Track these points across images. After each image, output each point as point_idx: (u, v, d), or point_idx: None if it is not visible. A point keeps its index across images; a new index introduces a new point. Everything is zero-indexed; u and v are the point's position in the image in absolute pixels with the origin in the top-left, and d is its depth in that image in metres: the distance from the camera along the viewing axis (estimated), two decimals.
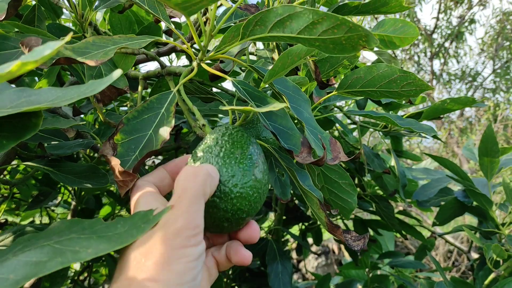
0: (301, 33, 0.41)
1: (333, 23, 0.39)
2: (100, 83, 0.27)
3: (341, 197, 0.70)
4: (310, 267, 3.63)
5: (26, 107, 0.26)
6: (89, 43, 0.46)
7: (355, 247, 0.44)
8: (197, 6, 0.40)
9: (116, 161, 0.42)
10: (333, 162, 0.50)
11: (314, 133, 0.52)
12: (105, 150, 0.44)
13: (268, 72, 0.50)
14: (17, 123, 0.31)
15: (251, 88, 0.53)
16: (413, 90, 0.59)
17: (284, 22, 0.42)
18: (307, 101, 0.56)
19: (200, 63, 0.53)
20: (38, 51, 0.22)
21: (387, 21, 1.02)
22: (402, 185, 1.06)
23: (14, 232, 0.86)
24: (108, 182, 0.63)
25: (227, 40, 0.48)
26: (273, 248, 1.13)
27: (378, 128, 1.09)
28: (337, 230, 0.45)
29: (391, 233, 1.91)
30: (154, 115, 0.47)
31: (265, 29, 0.43)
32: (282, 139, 0.50)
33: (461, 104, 0.95)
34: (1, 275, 0.30)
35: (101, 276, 1.87)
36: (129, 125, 0.46)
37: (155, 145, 0.45)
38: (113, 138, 0.45)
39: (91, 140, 0.69)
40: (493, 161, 1.08)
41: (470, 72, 7.11)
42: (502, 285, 0.91)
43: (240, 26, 0.45)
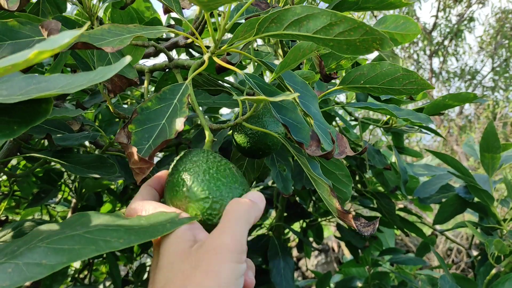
0: (317, 33, 0.42)
1: (350, 26, 0.40)
2: (110, 70, 0.27)
3: (337, 187, 0.71)
4: (310, 265, 3.64)
5: (36, 94, 0.26)
6: (105, 30, 0.47)
7: (365, 232, 0.44)
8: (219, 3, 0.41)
9: (134, 148, 0.43)
10: (340, 156, 0.51)
11: (322, 128, 0.53)
12: (120, 138, 0.45)
13: (280, 64, 0.51)
14: (27, 109, 0.32)
15: (263, 82, 0.54)
16: (414, 89, 0.60)
17: (301, 21, 0.43)
18: (315, 96, 0.57)
19: (211, 56, 0.53)
20: (55, 40, 0.22)
21: (388, 18, 1.02)
22: (403, 181, 1.07)
23: (13, 228, 0.86)
24: (117, 171, 0.63)
25: (240, 34, 0.49)
26: (275, 244, 1.13)
27: (379, 124, 1.09)
28: (347, 216, 0.45)
29: (392, 230, 1.91)
30: (166, 105, 0.48)
31: (280, 26, 0.44)
32: (293, 132, 0.51)
33: (461, 100, 0.95)
34: (33, 261, 0.31)
35: (101, 274, 1.87)
36: (142, 114, 0.47)
37: (169, 135, 0.45)
38: (128, 127, 0.45)
39: (97, 133, 0.69)
40: (494, 157, 1.08)
41: (469, 70, 7.12)
42: (503, 280, 0.91)
43: (255, 22, 0.45)
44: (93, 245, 0.34)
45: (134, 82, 0.52)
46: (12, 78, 0.30)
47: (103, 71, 0.28)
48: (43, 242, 0.33)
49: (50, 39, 0.22)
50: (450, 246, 3.47)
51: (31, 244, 0.33)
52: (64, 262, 0.31)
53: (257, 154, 0.63)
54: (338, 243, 3.74)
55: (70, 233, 0.34)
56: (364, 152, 0.53)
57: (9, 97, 0.27)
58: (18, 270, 0.31)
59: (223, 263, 0.36)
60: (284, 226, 1.36)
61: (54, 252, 0.32)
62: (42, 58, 0.22)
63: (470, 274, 2.82)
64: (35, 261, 0.31)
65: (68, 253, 0.32)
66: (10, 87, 0.28)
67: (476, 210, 1.25)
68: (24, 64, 0.22)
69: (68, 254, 0.32)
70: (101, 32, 0.46)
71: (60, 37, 0.22)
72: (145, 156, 0.43)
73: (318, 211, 1.55)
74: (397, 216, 1.25)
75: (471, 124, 6.57)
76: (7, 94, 0.27)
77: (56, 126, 0.68)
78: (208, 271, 0.35)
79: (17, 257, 0.32)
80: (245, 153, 0.64)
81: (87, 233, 0.35)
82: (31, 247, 0.33)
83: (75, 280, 1.65)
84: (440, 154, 1.15)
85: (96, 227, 0.36)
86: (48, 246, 0.33)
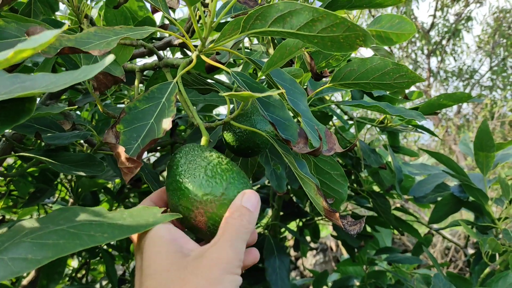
0: (301, 29, 0.43)
1: (332, 22, 0.40)
2: (93, 68, 0.28)
3: (332, 187, 0.71)
4: (308, 265, 3.64)
5: (21, 93, 0.26)
6: (91, 34, 0.47)
7: (351, 231, 0.45)
8: None
9: (121, 148, 0.43)
10: (329, 153, 0.51)
11: (310, 125, 0.53)
12: (108, 138, 0.45)
13: (267, 63, 0.51)
14: (11, 107, 0.32)
15: (250, 79, 0.54)
16: (405, 82, 0.60)
17: (285, 18, 0.43)
18: (303, 93, 0.57)
19: (199, 54, 0.53)
20: (35, 39, 0.22)
21: (384, 17, 1.02)
22: (398, 180, 1.07)
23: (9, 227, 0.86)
24: (104, 169, 0.63)
25: (227, 32, 0.49)
26: (271, 243, 1.13)
27: (375, 124, 1.09)
28: (334, 214, 0.46)
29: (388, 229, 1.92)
30: (155, 104, 0.48)
31: (265, 23, 0.44)
32: (280, 130, 0.51)
33: (456, 100, 0.95)
34: (18, 256, 0.31)
35: (99, 273, 1.87)
36: (130, 114, 0.47)
37: (157, 134, 0.46)
38: (116, 127, 0.45)
39: (88, 132, 0.69)
40: (488, 155, 1.08)
41: (467, 70, 7.13)
42: (497, 278, 0.92)
43: (240, 20, 0.46)
44: (78, 239, 0.34)
45: (120, 79, 0.52)
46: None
47: (86, 70, 0.28)
48: (27, 237, 0.33)
49: (32, 38, 0.22)
50: (447, 245, 3.48)
51: (15, 239, 0.33)
52: (49, 257, 0.32)
53: (246, 153, 0.63)
54: (336, 242, 3.74)
55: (53, 228, 0.34)
56: (352, 149, 0.53)
57: None
58: (3, 265, 0.31)
59: (225, 274, 0.38)
60: (280, 225, 1.36)
61: (39, 247, 0.32)
62: (22, 57, 0.22)
63: (467, 273, 2.83)
64: (20, 256, 0.31)
65: (53, 248, 0.33)
66: None
67: (471, 209, 1.25)
68: (4, 63, 0.22)
69: (53, 249, 0.32)
70: (87, 35, 0.46)
71: (41, 36, 0.22)
72: (134, 156, 0.44)
73: (314, 210, 1.56)
74: (392, 215, 1.26)
75: (469, 124, 6.58)
76: None
77: (46, 125, 0.68)
78: (211, 279, 0.37)
79: (2, 252, 0.32)
80: (235, 152, 0.64)
81: (71, 228, 0.35)
82: (16, 242, 0.33)
83: (72, 279, 1.65)
84: (435, 153, 1.15)
85: (79, 221, 0.36)
86: (32, 241, 0.33)
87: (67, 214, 0.37)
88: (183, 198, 0.44)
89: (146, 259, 0.40)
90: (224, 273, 0.38)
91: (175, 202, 0.45)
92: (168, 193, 0.47)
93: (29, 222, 0.36)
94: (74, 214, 0.37)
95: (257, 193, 0.46)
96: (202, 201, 0.44)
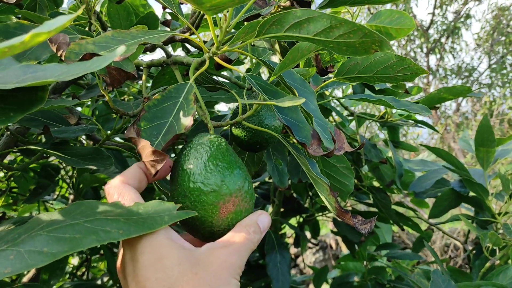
0: (317, 35, 0.43)
1: (350, 29, 0.41)
2: (105, 59, 0.28)
3: (339, 180, 0.71)
4: (308, 262, 3.65)
5: (32, 81, 0.27)
6: (108, 37, 0.48)
7: (363, 230, 0.45)
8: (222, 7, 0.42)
9: (145, 142, 0.44)
10: (339, 152, 0.51)
11: (322, 125, 0.53)
12: (130, 134, 0.46)
13: (279, 65, 0.52)
14: (23, 96, 0.32)
15: (264, 82, 0.55)
16: (409, 75, 0.61)
17: (302, 24, 0.43)
18: (313, 93, 0.58)
19: (213, 56, 0.54)
20: (51, 23, 0.22)
21: (383, 12, 1.02)
22: (399, 174, 1.07)
23: (14, 223, 0.87)
24: (113, 163, 0.64)
25: (241, 36, 0.50)
26: (272, 239, 1.14)
27: (375, 119, 1.10)
28: (346, 214, 0.46)
29: (389, 225, 1.92)
30: (173, 103, 0.49)
31: (281, 29, 0.45)
32: (295, 132, 0.52)
33: (456, 93, 0.96)
34: (35, 248, 0.32)
35: (99, 270, 1.87)
36: (150, 112, 0.48)
37: (178, 130, 0.46)
38: (137, 124, 0.46)
39: (94, 126, 0.70)
40: (489, 151, 1.09)
41: (466, 67, 7.14)
42: (498, 272, 0.92)
43: (256, 24, 0.46)
44: (94, 235, 0.34)
45: (132, 75, 0.52)
46: (9, 66, 0.31)
47: (98, 60, 0.28)
48: (44, 231, 0.34)
49: (46, 23, 0.22)
50: (447, 243, 3.49)
51: (32, 232, 0.33)
52: (65, 251, 0.32)
53: (255, 148, 0.64)
54: (336, 240, 3.75)
55: (70, 222, 0.35)
56: (362, 147, 0.54)
57: (5, 84, 0.27)
58: (20, 257, 0.31)
59: (232, 277, 0.40)
60: (281, 220, 1.37)
61: (56, 241, 0.33)
62: (38, 41, 0.23)
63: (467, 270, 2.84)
64: (36, 249, 0.32)
65: (69, 242, 0.33)
66: (6, 75, 0.29)
67: (471, 204, 1.26)
68: (20, 47, 0.22)
69: (70, 243, 0.33)
70: (105, 39, 0.47)
71: (56, 20, 0.23)
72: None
73: (314, 206, 1.56)
74: (393, 210, 1.26)
75: (468, 121, 6.59)
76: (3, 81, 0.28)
77: (53, 119, 0.69)
78: (221, 279, 0.39)
79: (19, 244, 0.32)
80: (243, 147, 0.64)
81: (87, 223, 0.35)
82: (33, 235, 0.33)
83: (73, 276, 1.65)
84: (435, 149, 1.16)
85: (95, 216, 0.36)
86: (49, 235, 0.33)
87: (83, 208, 0.37)
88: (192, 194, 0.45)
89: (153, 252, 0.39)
90: (232, 277, 0.40)
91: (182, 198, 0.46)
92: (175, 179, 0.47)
93: (47, 216, 0.36)
94: (90, 208, 0.37)
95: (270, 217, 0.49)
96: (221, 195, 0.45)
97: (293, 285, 1.70)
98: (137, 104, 0.71)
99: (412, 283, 0.93)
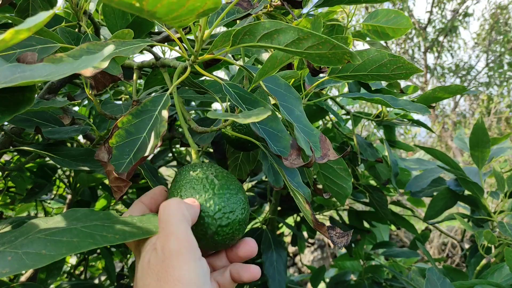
0: (288, 46, 0.43)
1: (318, 41, 0.41)
2: (93, 59, 0.28)
3: (336, 182, 0.71)
4: (306, 261, 3.65)
5: (20, 81, 0.27)
6: (83, 50, 0.47)
7: (339, 244, 0.45)
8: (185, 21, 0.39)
9: (111, 167, 0.44)
10: (322, 160, 0.50)
11: (305, 131, 0.53)
12: (101, 154, 0.45)
13: (258, 72, 0.51)
14: (11, 97, 0.32)
15: (243, 91, 0.54)
16: (403, 73, 0.60)
17: (272, 35, 0.44)
18: (298, 98, 0.57)
19: (193, 64, 0.54)
20: (30, 21, 0.22)
21: (380, 12, 1.03)
22: (394, 173, 1.08)
23: (10, 223, 0.87)
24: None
25: (218, 44, 0.49)
26: (268, 237, 1.14)
27: (371, 118, 1.10)
28: (322, 227, 0.46)
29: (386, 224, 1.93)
30: (148, 118, 0.48)
31: (254, 39, 0.45)
32: (272, 142, 0.51)
33: (451, 92, 0.96)
34: (33, 250, 0.33)
35: (97, 270, 1.87)
36: (123, 128, 0.47)
37: (149, 150, 0.46)
38: (108, 142, 0.46)
39: (87, 126, 0.69)
40: (483, 151, 1.09)
41: (464, 66, 7.14)
42: (493, 271, 0.93)
43: (230, 34, 0.46)
44: (91, 238, 0.35)
45: (118, 78, 0.52)
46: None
47: (86, 60, 0.28)
48: (41, 234, 0.35)
49: (27, 20, 0.23)
50: (444, 241, 3.49)
51: (29, 235, 0.34)
52: (63, 253, 0.33)
53: (247, 147, 0.63)
54: None
55: (68, 226, 0.36)
56: (347, 155, 0.53)
57: None
58: (17, 259, 0.32)
59: (179, 268, 0.37)
60: (277, 219, 1.37)
61: (53, 243, 0.34)
62: (19, 38, 0.23)
63: (464, 268, 2.84)
64: (34, 251, 0.32)
65: (68, 245, 0.34)
66: None
67: (467, 203, 1.26)
68: (1, 44, 0.22)
69: (68, 246, 0.34)
70: (80, 52, 0.46)
71: (36, 17, 0.23)
72: (126, 171, 0.44)
73: (312, 205, 1.56)
74: (389, 210, 1.27)
75: (466, 120, 6.60)
76: None
77: (46, 120, 0.68)
78: (168, 281, 0.36)
79: (17, 246, 0.33)
80: (235, 146, 0.64)
81: (84, 228, 0.36)
82: (30, 238, 0.34)
83: (70, 276, 1.66)
84: (429, 149, 1.16)
85: (92, 222, 0.38)
86: (47, 238, 0.34)
87: (78, 215, 0.38)
88: None
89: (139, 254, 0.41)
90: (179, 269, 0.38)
91: None
92: None
93: (42, 221, 0.37)
94: (85, 215, 0.38)
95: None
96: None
97: (290, 284, 1.70)
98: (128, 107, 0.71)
99: (406, 283, 0.93)
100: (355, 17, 1.00)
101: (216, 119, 0.81)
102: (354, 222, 1.50)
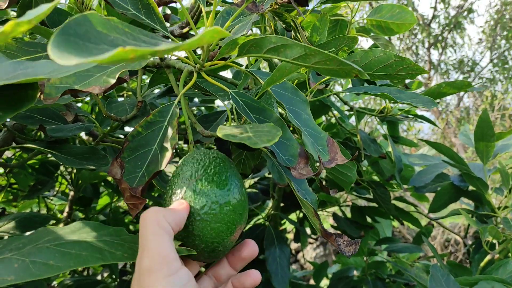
0: (296, 60, 0.42)
1: (325, 58, 0.40)
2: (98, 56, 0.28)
3: (341, 171, 0.71)
4: (309, 258, 3.65)
5: (23, 78, 0.27)
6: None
7: (347, 252, 0.44)
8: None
9: (125, 184, 0.43)
10: (330, 165, 0.49)
11: (313, 135, 0.52)
12: (113, 170, 0.45)
13: (267, 80, 0.50)
14: (13, 95, 0.32)
15: (250, 99, 0.53)
16: (409, 74, 0.60)
17: (278, 49, 0.42)
18: (305, 101, 0.56)
19: (199, 71, 0.53)
20: (31, 13, 0.22)
21: (384, 7, 1.02)
22: (398, 169, 1.07)
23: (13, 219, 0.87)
24: (109, 163, 0.63)
25: (224, 51, 0.49)
26: (271, 233, 1.14)
27: (375, 114, 1.09)
28: (330, 236, 0.45)
29: (389, 220, 1.93)
30: (157, 129, 0.48)
31: (260, 51, 0.44)
32: (280, 151, 0.50)
33: (456, 87, 0.95)
34: (40, 260, 0.32)
35: (99, 266, 1.88)
36: (133, 141, 0.47)
37: (160, 165, 0.45)
38: (120, 157, 0.45)
39: (91, 124, 0.69)
40: (488, 145, 1.09)
41: (468, 62, 7.11)
42: (497, 266, 0.92)
43: (236, 43, 0.46)
44: (99, 254, 0.35)
45: (124, 80, 0.51)
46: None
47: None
48: (50, 244, 0.34)
49: (28, 12, 0.22)
50: (447, 237, 3.49)
51: (38, 243, 0.34)
52: (70, 266, 0.33)
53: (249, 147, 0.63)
54: None
55: (77, 239, 0.36)
56: (355, 158, 0.53)
57: None
58: (24, 267, 0.32)
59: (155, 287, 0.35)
60: (280, 215, 1.37)
61: (62, 255, 0.33)
62: (20, 31, 0.22)
63: (468, 264, 2.84)
64: (41, 260, 0.32)
65: (76, 258, 0.33)
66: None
67: (470, 198, 1.26)
68: (1, 37, 0.22)
69: (76, 259, 0.33)
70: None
71: (37, 9, 0.22)
72: (139, 185, 0.44)
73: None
74: (393, 205, 1.26)
75: (470, 117, 6.58)
76: None
77: (49, 117, 0.68)
78: None
79: (24, 254, 0.33)
80: (238, 144, 0.64)
81: (94, 242, 0.36)
82: (38, 247, 0.34)
83: (73, 272, 1.66)
84: (434, 144, 1.16)
85: (102, 237, 0.38)
86: (56, 248, 0.34)
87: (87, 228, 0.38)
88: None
89: None
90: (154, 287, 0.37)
91: None
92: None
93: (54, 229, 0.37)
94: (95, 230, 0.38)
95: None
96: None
97: (293, 280, 1.70)
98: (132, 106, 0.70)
99: (412, 278, 0.93)
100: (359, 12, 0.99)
101: (219, 116, 0.81)
102: (357, 218, 1.50)
